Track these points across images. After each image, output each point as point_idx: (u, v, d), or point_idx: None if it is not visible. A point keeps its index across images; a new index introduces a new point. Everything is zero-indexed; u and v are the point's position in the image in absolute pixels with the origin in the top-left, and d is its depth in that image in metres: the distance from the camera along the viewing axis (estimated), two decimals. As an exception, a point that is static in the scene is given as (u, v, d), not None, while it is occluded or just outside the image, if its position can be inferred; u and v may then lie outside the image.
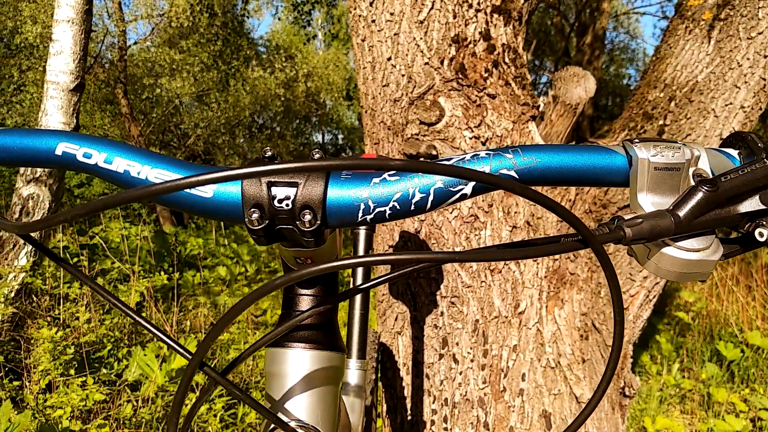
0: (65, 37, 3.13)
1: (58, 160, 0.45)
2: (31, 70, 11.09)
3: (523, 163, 0.40)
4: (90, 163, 0.44)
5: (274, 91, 11.39)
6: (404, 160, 0.33)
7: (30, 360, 2.97)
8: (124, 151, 0.44)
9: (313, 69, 12.25)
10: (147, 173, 0.42)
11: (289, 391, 0.46)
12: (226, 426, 2.73)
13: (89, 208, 0.34)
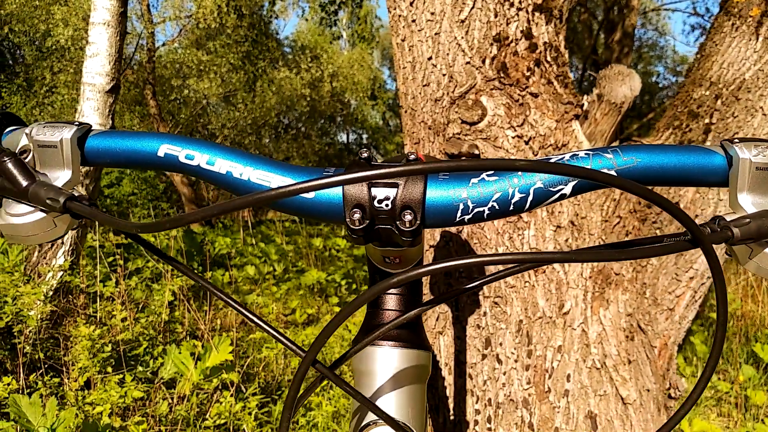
0: (101, 40, 3.19)
1: (161, 161, 0.46)
2: (62, 72, 11.32)
3: (624, 163, 0.40)
4: (192, 165, 0.45)
5: (300, 92, 11.46)
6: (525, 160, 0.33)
7: (68, 357, 3.03)
8: (225, 152, 0.44)
9: (338, 69, 12.30)
10: (249, 174, 0.43)
11: (380, 389, 0.46)
12: (260, 424, 2.75)
13: (211, 211, 0.35)
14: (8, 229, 0.46)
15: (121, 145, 0.48)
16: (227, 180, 0.44)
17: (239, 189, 0.44)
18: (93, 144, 0.49)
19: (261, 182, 0.43)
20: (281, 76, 11.23)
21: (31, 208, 0.46)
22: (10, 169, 0.45)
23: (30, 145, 0.48)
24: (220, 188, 0.45)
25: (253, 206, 0.36)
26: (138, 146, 0.47)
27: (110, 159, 0.48)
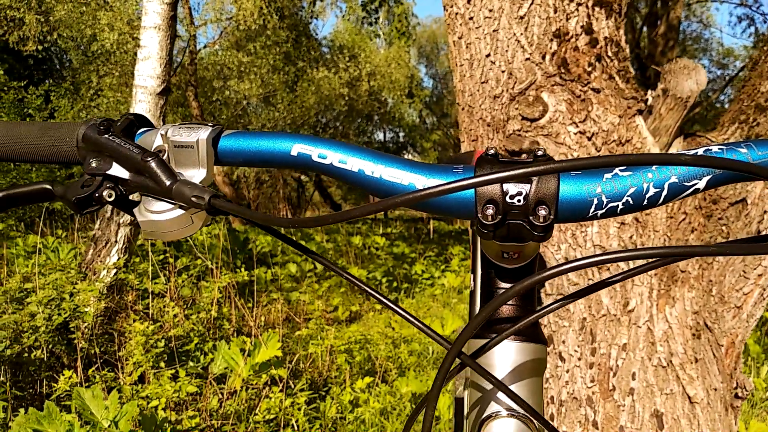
0: (152, 43, 3.26)
1: (293, 160, 0.47)
2: (108, 75, 11.61)
3: (759, 157, 0.40)
4: (325, 163, 0.46)
5: (338, 91, 11.53)
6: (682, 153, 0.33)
7: (123, 352, 3.11)
8: (357, 151, 0.46)
9: (375, 68, 12.33)
10: (381, 172, 0.44)
11: (500, 382, 0.47)
12: (309, 420, 2.79)
13: (360, 212, 0.37)
14: (148, 225, 0.49)
15: (254, 146, 0.49)
16: (359, 178, 0.45)
17: (371, 186, 0.45)
18: (226, 144, 0.51)
19: (393, 180, 0.44)
20: (320, 75, 11.32)
21: (171, 205, 0.48)
22: (154, 168, 0.47)
23: (165, 145, 0.50)
24: (352, 186, 0.47)
25: (404, 206, 0.37)
26: (271, 146, 0.48)
27: (242, 158, 0.50)
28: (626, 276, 0.41)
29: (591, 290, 0.43)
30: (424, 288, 6.29)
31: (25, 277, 3.37)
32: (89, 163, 0.50)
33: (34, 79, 14.45)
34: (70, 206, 0.49)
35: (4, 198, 0.53)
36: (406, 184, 0.44)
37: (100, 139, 0.50)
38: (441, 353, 3.96)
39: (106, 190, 0.49)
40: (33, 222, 10.49)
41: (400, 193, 0.37)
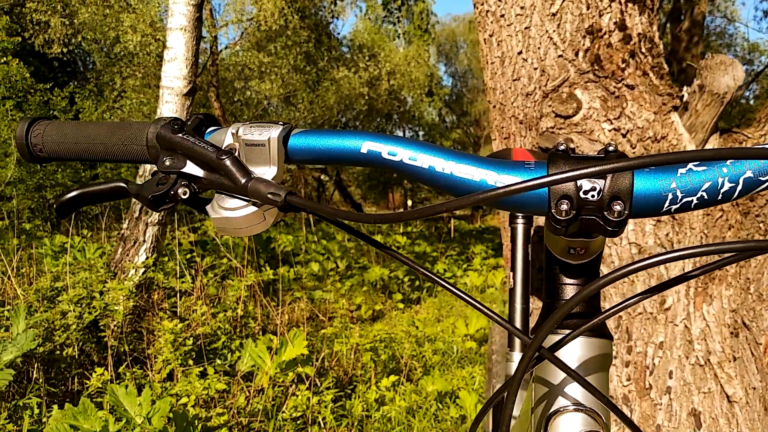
0: (178, 44, 3.30)
1: (363, 158, 0.48)
2: (131, 77, 11.75)
3: None
4: (395, 160, 0.47)
5: (358, 90, 11.55)
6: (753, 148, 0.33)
7: (151, 350, 3.15)
8: (426, 148, 0.46)
9: (395, 66, 12.33)
10: (451, 168, 0.45)
11: (567, 377, 0.47)
12: (336, 417, 2.80)
13: (439, 209, 0.37)
14: (221, 222, 0.50)
15: (324, 144, 0.50)
16: (430, 174, 0.46)
17: (442, 183, 0.46)
18: (296, 142, 0.52)
19: (464, 176, 0.44)
20: (340, 75, 11.35)
21: (244, 202, 0.49)
22: (229, 166, 0.48)
23: (236, 144, 0.51)
24: (422, 183, 0.47)
25: (484, 203, 0.37)
26: (341, 144, 0.49)
27: (312, 156, 0.51)
28: (704, 270, 0.41)
29: (670, 285, 0.43)
30: (447, 287, 6.28)
31: (55, 276, 3.43)
32: (163, 162, 0.51)
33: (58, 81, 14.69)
34: (146, 203, 0.51)
35: (78, 196, 0.54)
36: (478, 180, 0.44)
37: (174, 138, 0.51)
38: (465, 352, 3.95)
39: (180, 188, 0.51)
40: (59, 222, 10.67)
41: (482, 190, 0.38)
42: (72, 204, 0.55)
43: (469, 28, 19.95)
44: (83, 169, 11.68)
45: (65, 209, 0.55)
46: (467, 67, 20.23)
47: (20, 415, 2.50)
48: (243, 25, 10.79)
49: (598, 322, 0.43)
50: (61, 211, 0.55)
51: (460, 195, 0.45)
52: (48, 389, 2.77)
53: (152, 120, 0.54)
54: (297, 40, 10.74)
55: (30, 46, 12.71)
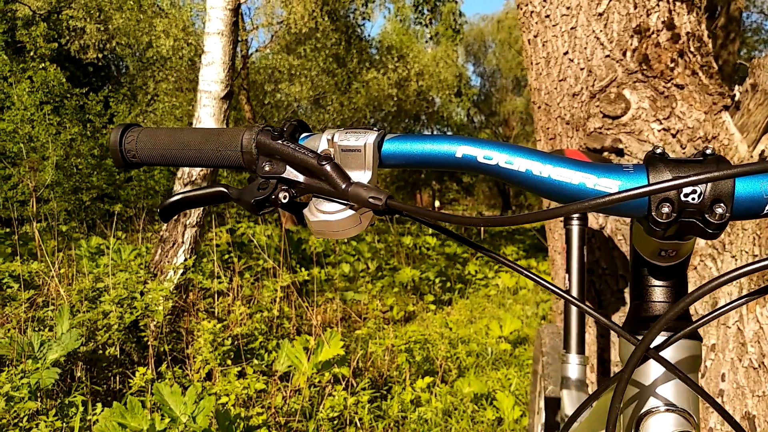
0: (216, 49, 3.35)
1: (458, 162, 0.49)
2: (164, 81, 11.94)
3: None
4: (491, 164, 0.47)
5: (387, 92, 11.57)
6: None
7: (190, 350, 3.20)
8: (522, 152, 0.47)
9: (424, 67, 12.32)
10: (549, 172, 0.45)
11: (659, 378, 0.47)
12: (375, 418, 2.81)
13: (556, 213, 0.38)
14: (320, 225, 0.51)
15: (419, 149, 0.51)
16: (527, 178, 0.46)
17: (539, 187, 0.46)
18: (390, 147, 0.53)
19: (562, 179, 0.45)
20: (369, 77, 11.40)
21: (342, 206, 0.50)
22: (330, 171, 0.50)
23: (330, 149, 0.53)
24: (518, 186, 0.48)
25: (593, 210, 0.38)
26: (436, 149, 0.50)
27: (406, 161, 0.52)
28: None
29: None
30: (478, 288, 6.26)
31: (96, 278, 3.51)
32: (263, 167, 0.53)
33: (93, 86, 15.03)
34: (247, 207, 0.52)
35: (181, 200, 0.56)
36: (577, 184, 0.45)
37: (274, 145, 0.52)
38: (499, 354, 3.94)
39: (281, 193, 0.52)
40: (94, 224, 10.90)
41: (594, 196, 0.38)
42: (174, 208, 0.57)
43: (497, 28, 19.86)
44: (117, 172, 11.92)
45: (168, 212, 0.57)
46: (496, 66, 20.12)
47: (66, 413, 2.56)
48: (273, 28, 10.90)
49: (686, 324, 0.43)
50: (164, 214, 0.57)
51: (558, 198, 0.45)
52: (92, 388, 2.83)
53: (244, 127, 0.55)
54: (326, 43, 10.80)
55: (66, 51, 13.02)
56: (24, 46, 14.01)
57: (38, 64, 12.12)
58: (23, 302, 3.30)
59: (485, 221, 0.44)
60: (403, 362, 3.35)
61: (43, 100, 11.03)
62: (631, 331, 0.49)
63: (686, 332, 0.45)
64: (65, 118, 11.14)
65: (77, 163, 10.84)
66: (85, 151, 11.07)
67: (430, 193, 19.06)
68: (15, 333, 3.00)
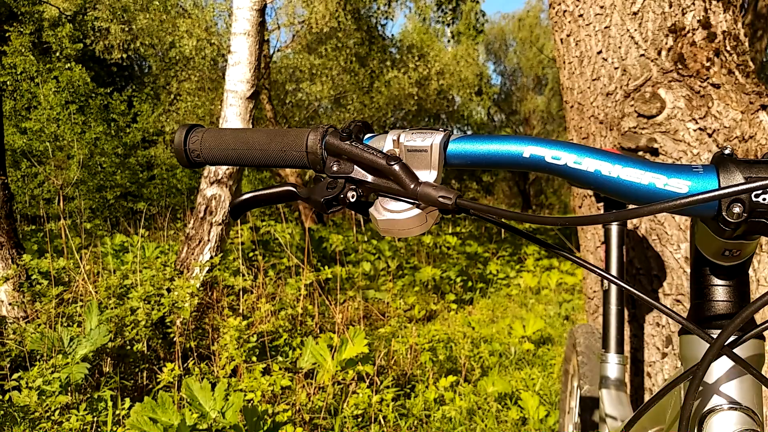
0: (242, 49, 3.37)
1: (525, 162, 0.50)
2: (187, 80, 12.05)
3: None
4: (559, 164, 0.48)
5: (408, 91, 11.57)
6: None
7: (215, 346, 3.24)
8: (590, 152, 0.47)
9: (444, 66, 12.29)
10: (618, 172, 0.46)
11: (722, 377, 0.48)
12: (400, 416, 2.82)
13: (635, 213, 0.39)
14: (386, 223, 0.52)
15: (485, 149, 0.52)
16: (595, 178, 0.47)
17: (608, 187, 0.46)
18: (455, 148, 0.53)
19: (631, 180, 0.45)
20: (390, 76, 11.40)
21: (409, 205, 0.51)
22: (399, 172, 0.51)
23: (396, 149, 0.54)
24: (586, 186, 0.48)
25: (671, 211, 0.38)
26: (502, 149, 0.51)
27: (471, 161, 0.52)
28: None
29: None
30: (500, 288, 6.24)
31: (123, 274, 3.56)
32: (330, 167, 0.54)
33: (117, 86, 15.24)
34: (316, 206, 0.53)
35: (251, 199, 0.57)
36: (647, 184, 0.45)
37: (343, 145, 0.53)
38: (521, 354, 3.92)
39: (349, 192, 0.53)
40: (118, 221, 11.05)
41: (669, 198, 0.39)
42: (244, 206, 0.58)
43: (518, 26, 19.74)
44: (140, 170, 12.05)
45: (238, 210, 0.59)
46: (516, 65, 20.00)
47: (95, 407, 2.61)
48: (294, 27, 10.95)
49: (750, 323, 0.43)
50: (234, 212, 0.59)
51: (627, 199, 0.46)
52: (124, 383, 2.88)
53: (309, 128, 0.56)
54: (347, 42, 10.83)
55: (91, 52, 13.20)
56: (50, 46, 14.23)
57: (64, 64, 12.32)
58: (52, 298, 3.36)
59: (560, 220, 0.44)
60: (426, 361, 3.35)
61: (68, 100, 11.21)
62: (686, 330, 0.49)
63: (758, 331, 0.45)
64: (90, 117, 11.32)
65: (101, 162, 11.00)
66: (109, 150, 11.24)
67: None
68: (45, 329, 3.06)
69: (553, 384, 3.35)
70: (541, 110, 18.66)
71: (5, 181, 3.83)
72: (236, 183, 3.45)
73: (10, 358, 3.04)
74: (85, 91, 11.37)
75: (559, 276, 6.24)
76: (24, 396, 2.50)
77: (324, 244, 7.43)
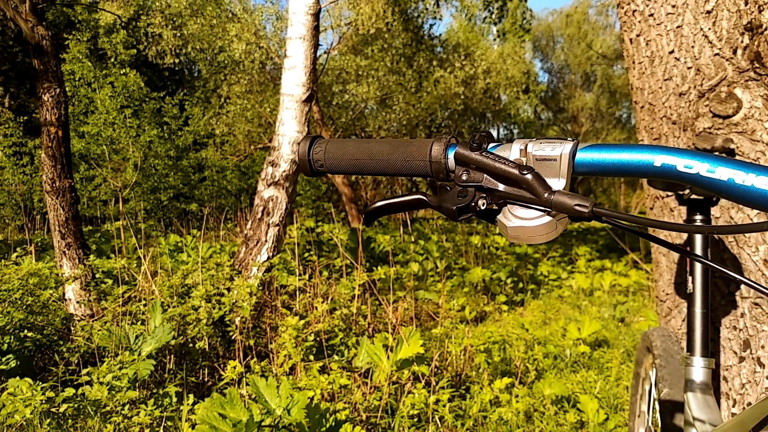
0: (298, 53, 3.44)
1: (656, 171, 0.51)
2: (236, 84, 12.30)
3: None
4: (691, 173, 0.49)
5: (454, 90, 11.54)
6: None
7: (273, 345, 3.31)
8: (721, 161, 0.48)
9: (491, 65, 12.21)
10: (752, 181, 0.47)
11: None
12: (456, 417, 2.83)
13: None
14: (517, 231, 0.54)
15: (614, 158, 0.53)
16: (728, 187, 0.47)
17: (742, 196, 0.47)
18: (584, 156, 0.55)
19: (766, 188, 0.46)
20: (436, 75, 11.40)
21: (538, 212, 0.53)
22: (532, 181, 0.53)
23: (523, 159, 0.56)
24: (718, 195, 0.49)
25: None
26: (633, 158, 0.52)
27: (599, 169, 0.54)
28: None
29: None
30: (551, 289, 6.16)
31: (184, 274, 3.67)
32: (460, 176, 0.56)
33: (168, 90, 15.66)
34: (447, 214, 0.56)
35: (383, 206, 0.60)
36: None
37: (473, 156, 0.56)
38: (576, 357, 3.87)
39: (480, 200, 0.55)
40: (171, 222, 11.36)
41: None
42: (377, 213, 0.61)
43: (566, 23, 19.43)
44: (192, 172, 12.35)
45: (371, 217, 0.62)
46: (564, 62, 19.69)
47: (161, 403, 2.69)
48: (341, 30, 11.05)
49: None
50: (368, 219, 0.62)
51: (763, 207, 0.46)
52: (187, 380, 2.97)
53: (432, 139, 0.59)
54: (392, 43, 10.87)
55: (143, 57, 13.61)
56: (105, 53, 14.72)
57: (119, 70, 12.73)
58: (118, 297, 3.49)
59: (706, 229, 0.45)
60: (481, 362, 3.35)
61: (123, 104, 11.58)
62: None
63: None
64: (144, 120, 11.66)
65: (155, 164, 11.32)
66: (162, 153, 11.56)
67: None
68: (113, 326, 3.18)
69: (611, 388, 3.30)
70: (590, 108, 18.33)
71: (72, 183, 4.00)
72: (292, 185, 3.52)
73: (79, 354, 3.18)
74: (140, 95, 11.71)
75: (612, 277, 6.12)
76: (95, 390, 2.61)
77: (372, 244, 7.48)
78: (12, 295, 3.23)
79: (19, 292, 3.25)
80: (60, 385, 2.82)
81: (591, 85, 18.95)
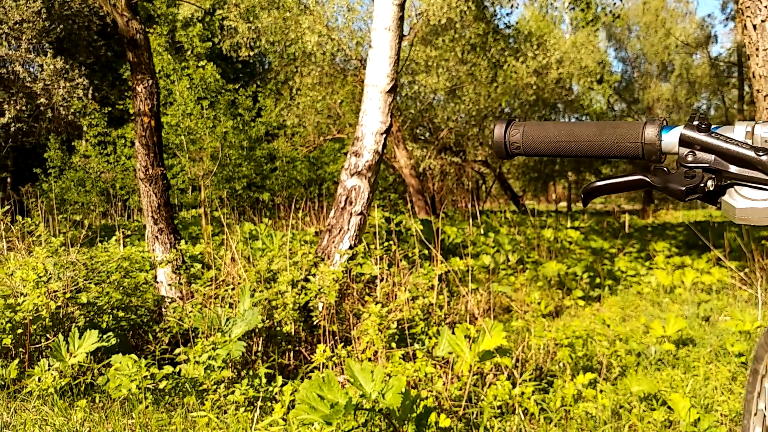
0: (383, 44, 3.46)
1: None
2: (307, 76, 12.49)
3: None
4: None
5: (525, 80, 11.34)
6: None
7: (355, 331, 3.37)
8: None
9: (564, 54, 11.93)
10: None
11: None
12: (542, 410, 2.82)
13: None
14: (746, 212, 0.55)
15: None
16: None
17: None
18: None
19: None
20: (507, 65, 11.24)
21: None
22: (766, 162, 0.53)
23: (748, 141, 0.56)
24: None
25: None
26: None
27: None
28: None
29: None
30: (629, 285, 6.01)
31: (269, 260, 3.79)
32: (685, 158, 0.57)
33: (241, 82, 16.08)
34: (675, 194, 0.57)
35: (601, 187, 0.62)
36: None
37: (703, 138, 0.56)
38: (661, 354, 3.77)
39: (709, 181, 0.56)
40: (244, 211, 11.69)
41: None
42: (595, 192, 0.63)
43: (642, 10, 18.74)
44: (264, 162, 12.65)
45: (589, 197, 0.63)
46: (639, 51, 19.01)
47: (252, 383, 2.79)
48: (411, 20, 11.04)
49: None
50: (585, 198, 0.63)
51: None
52: (277, 362, 3.07)
53: (643, 121, 0.59)
54: (464, 33, 10.78)
55: (218, 50, 14.00)
56: (182, 46, 15.23)
57: (196, 62, 13.16)
58: (207, 281, 3.63)
59: None
60: (564, 357, 3.30)
61: (200, 96, 11.97)
62: None
63: None
64: (219, 112, 12.02)
65: (230, 154, 11.67)
66: (236, 143, 11.90)
67: (564, 185, 18.46)
68: (204, 308, 3.32)
69: (701, 387, 3.20)
70: (666, 98, 17.65)
71: (164, 171, 4.18)
72: (374, 175, 3.56)
73: (171, 334, 3.33)
74: (216, 87, 12.08)
75: (694, 274, 5.90)
76: (191, 369, 2.73)
77: (441, 236, 7.47)
78: (110, 276, 3.41)
79: (117, 274, 3.43)
80: (156, 363, 2.97)
81: (668, 75, 18.23)
